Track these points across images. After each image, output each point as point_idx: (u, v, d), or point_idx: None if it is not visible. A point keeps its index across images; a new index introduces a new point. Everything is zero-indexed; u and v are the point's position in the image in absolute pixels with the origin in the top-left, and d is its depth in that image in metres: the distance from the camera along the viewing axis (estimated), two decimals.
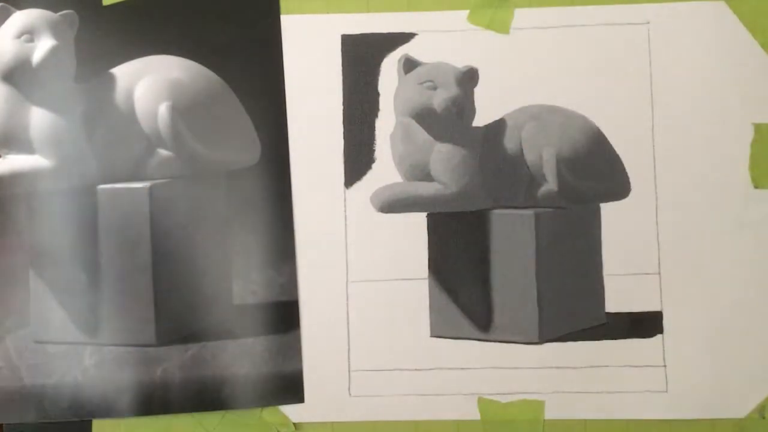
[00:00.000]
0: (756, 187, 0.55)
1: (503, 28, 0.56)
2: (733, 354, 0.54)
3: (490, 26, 0.56)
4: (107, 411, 0.55)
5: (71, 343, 0.56)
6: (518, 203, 0.57)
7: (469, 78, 0.56)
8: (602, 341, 0.55)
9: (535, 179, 0.56)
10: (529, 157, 0.56)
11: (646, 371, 0.54)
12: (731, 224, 0.55)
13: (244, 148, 0.57)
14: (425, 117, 0.56)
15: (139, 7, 0.57)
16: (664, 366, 0.54)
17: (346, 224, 0.56)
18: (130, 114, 0.56)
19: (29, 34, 0.55)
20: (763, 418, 0.54)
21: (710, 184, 0.55)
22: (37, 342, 0.56)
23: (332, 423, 0.56)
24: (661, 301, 0.55)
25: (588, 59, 0.56)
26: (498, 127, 0.56)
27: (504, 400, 0.55)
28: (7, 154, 0.56)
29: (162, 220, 0.56)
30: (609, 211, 0.56)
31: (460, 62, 0.56)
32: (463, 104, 0.56)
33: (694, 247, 0.55)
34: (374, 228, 0.56)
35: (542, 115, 0.56)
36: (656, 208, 0.55)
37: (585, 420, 0.55)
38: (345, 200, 0.56)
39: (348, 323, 0.56)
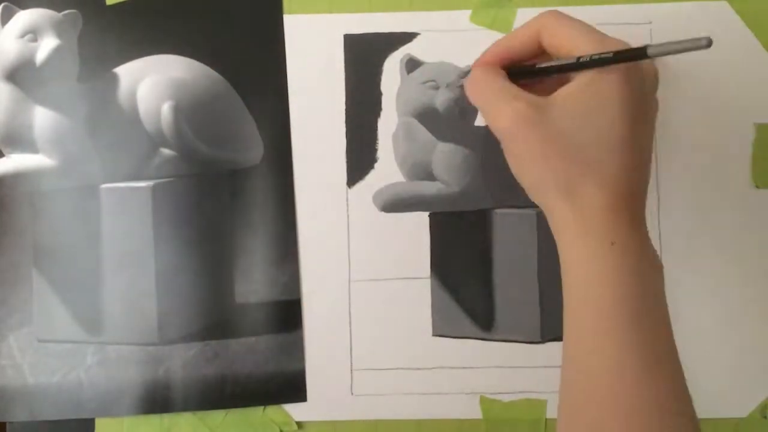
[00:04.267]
0: (757, 187, 0.55)
1: (506, 27, 0.56)
2: (734, 354, 0.54)
3: (492, 26, 0.56)
4: (110, 409, 0.55)
5: (74, 342, 0.56)
6: (520, 203, 0.57)
7: None
8: None
9: None
10: None
11: None
12: (732, 224, 0.55)
13: (247, 147, 0.57)
14: (427, 116, 0.56)
15: (143, 7, 0.57)
16: None
17: (348, 223, 0.56)
18: (133, 113, 0.56)
19: (32, 33, 0.55)
20: (765, 417, 0.54)
21: (712, 184, 0.55)
22: (40, 340, 0.56)
23: (334, 422, 0.56)
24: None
25: None
26: None
27: (506, 399, 0.55)
28: (11, 153, 0.56)
29: (165, 219, 0.56)
30: None
31: (463, 62, 0.56)
32: (466, 104, 0.56)
33: (696, 247, 0.55)
34: (376, 227, 0.56)
35: None
36: (658, 208, 0.55)
37: None
38: (347, 199, 0.56)
39: (350, 322, 0.56)
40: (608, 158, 0.42)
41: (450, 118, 0.56)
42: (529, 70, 0.46)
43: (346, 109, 0.57)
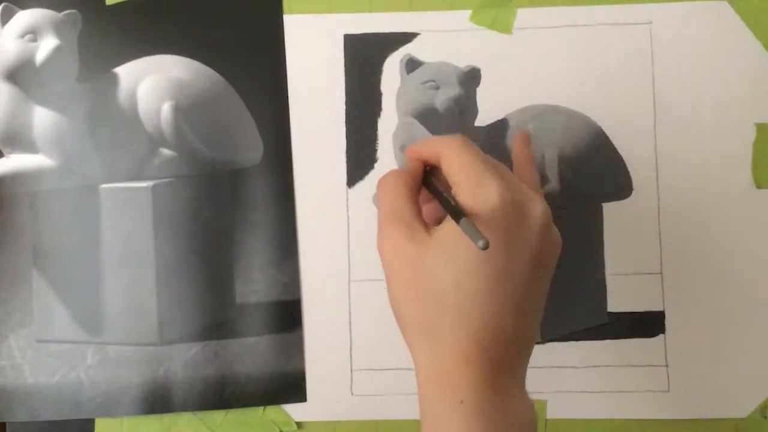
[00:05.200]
0: (758, 187, 0.55)
1: (506, 27, 0.56)
2: (734, 354, 0.54)
3: (492, 26, 0.56)
4: (110, 410, 0.55)
5: (74, 342, 0.56)
6: None
7: (471, 78, 0.56)
8: (604, 341, 0.55)
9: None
10: None
11: (648, 371, 0.55)
12: (733, 224, 0.55)
13: (247, 147, 0.57)
14: (427, 117, 0.56)
15: (142, 7, 0.57)
16: (666, 366, 0.55)
17: (348, 223, 0.56)
18: (133, 113, 0.56)
19: (32, 33, 0.55)
20: (765, 417, 0.54)
21: (712, 184, 0.55)
22: (40, 341, 0.56)
23: (334, 422, 0.56)
24: (663, 300, 0.55)
25: (590, 59, 0.56)
26: (500, 126, 0.56)
27: None
28: (11, 153, 0.56)
29: (165, 219, 0.56)
30: (611, 210, 0.56)
31: (463, 62, 0.56)
32: (466, 104, 0.56)
33: (696, 247, 0.55)
34: (376, 227, 0.56)
35: (544, 114, 0.56)
36: (658, 208, 0.55)
37: (587, 419, 0.55)
38: (347, 200, 0.56)
39: (350, 322, 0.56)
40: (466, 303, 0.39)
41: (450, 118, 0.56)
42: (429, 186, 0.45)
43: (345, 109, 0.57)
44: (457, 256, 0.40)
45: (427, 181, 0.45)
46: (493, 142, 0.57)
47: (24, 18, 0.55)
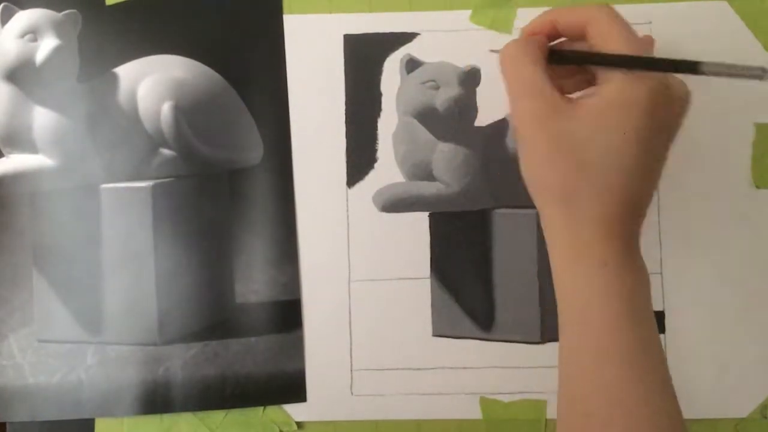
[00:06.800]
0: (757, 187, 0.55)
1: (506, 27, 0.56)
2: (734, 354, 0.54)
3: (492, 26, 0.56)
4: (110, 410, 0.55)
5: (74, 342, 0.56)
6: (520, 203, 0.57)
7: (471, 77, 0.56)
8: None
9: None
10: None
11: None
12: (733, 224, 0.55)
13: (247, 147, 0.57)
14: (427, 116, 0.56)
15: (142, 7, 0.57)
16: None
17: (348, 224, 0.56)
18: (133, 113, 0.56)
19: (32, 33, 0.55)
20: (765, 417, 0.54)
21: (712, 184, 0.55)
22: (41, 341, 0.56)
23: (334, 422, 0.56)
24: (663, 300, 0.55)
25: None
26: (500, 126, 0.57)
27: (506, 399, 0.55)
28: (11, 153, 0.56)
29: (165, 219, 0.56)
30: None
31: (463, 62, 0.56)
32: (466, 104, 0.56)
33: (696, 247, 0.55)
34: (376, 227, 0.56)
35: None
36: (658, 208, 0.55)
37: None
38: (347, 200, 0.56)
39: (350, 322, 0.56)
40: (614, 175, 0.41)
41: (450, 118, 0.56)
42: (573, 56, 0.45)
43: (345, 110, 0.57)
44: (608, 131, 0.41)
45: (559, 55, 0.45)
46: (493, 142, 0.57)
47: (24, 18, 0.55)
